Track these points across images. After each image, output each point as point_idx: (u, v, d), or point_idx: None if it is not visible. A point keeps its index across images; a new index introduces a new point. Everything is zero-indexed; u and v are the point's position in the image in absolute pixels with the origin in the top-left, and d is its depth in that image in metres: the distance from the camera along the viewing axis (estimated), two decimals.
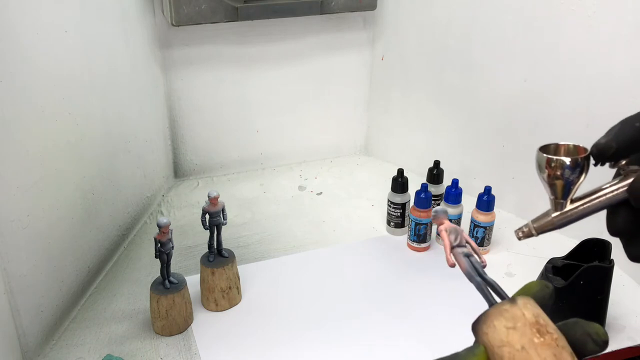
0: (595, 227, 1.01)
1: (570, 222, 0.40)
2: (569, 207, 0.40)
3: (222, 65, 1.25)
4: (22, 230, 0.80)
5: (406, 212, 1.10)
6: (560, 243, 1.01)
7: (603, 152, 0.37)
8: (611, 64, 0.94)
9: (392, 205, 1.11)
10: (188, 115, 1.28)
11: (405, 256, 1.07)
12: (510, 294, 0.40)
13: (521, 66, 1.08)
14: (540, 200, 1.15)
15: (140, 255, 1.08)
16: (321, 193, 1.30)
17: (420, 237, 1.07)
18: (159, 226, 0.85)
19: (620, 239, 0.40)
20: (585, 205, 0.39)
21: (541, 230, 0.42)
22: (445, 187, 1.08)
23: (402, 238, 1.12)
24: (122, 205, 1.10)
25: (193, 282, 0.94)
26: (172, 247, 0.88)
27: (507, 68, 1.10)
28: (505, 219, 1.14)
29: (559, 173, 0.38)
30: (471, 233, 1.07)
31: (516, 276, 1.03)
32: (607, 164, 0.39)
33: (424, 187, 1.05)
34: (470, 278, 0.44)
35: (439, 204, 1.10)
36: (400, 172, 1.09)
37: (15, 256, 0.79)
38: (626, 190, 0.37)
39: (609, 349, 0.88)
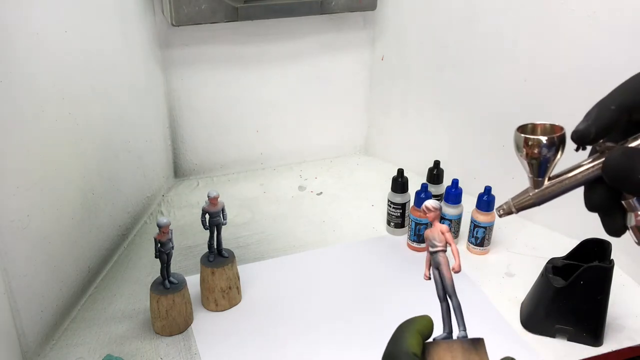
0: (595, 227, 1.01)
1: (549, 199, 0.42)
2: (546, 184, 0.41)
3: (222, 65, 1.25)
4: (22, 230, 0.80)
5: (406, 212, 1.10)
6: (561, 243, 1.01)
7: (583, 138, 0.39)
8: (612, 63, 0.94)
9: (392, 205, 1.11)
10: (188, 115, 1.28)
11: (405, 256, 1.07)
12: (511, 295, 0.41)
13: (521, 66, 1.08)
14: None
15: (140, 255, 1.08)
16: (321, 193, 1.30)
17: (420, 237, 1.07)
18: (159, 226, 0.85)
19: (598, 214, 0.42)
20: (562, 183, 0.41)
21: (520, 207, 0.43)
22: (445, 187, 1.08)
23: (402, 238, 1.12)
24: (122, 205, 1.10)
25: (193, 282, 0.94)
26: (172, 247, 0.88)
27: (507, 68, 1.10)
28: (506, 219, 1.13)
29: (536, 152, 0.39)
30: (471, 233, 1.07)
31: (516, 276, 1.03)
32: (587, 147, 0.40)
33: (424, 187, 1.05)
34: (440, 299, 0.45)
35: None
36: (400, 172, 1.09)
37: (15, 256, 0.79)
38: (600, 168, 0.39)
39: (609, 349, 0.88)
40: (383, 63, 1.33)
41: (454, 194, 1.05)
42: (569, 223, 1.09)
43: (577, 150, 0.40)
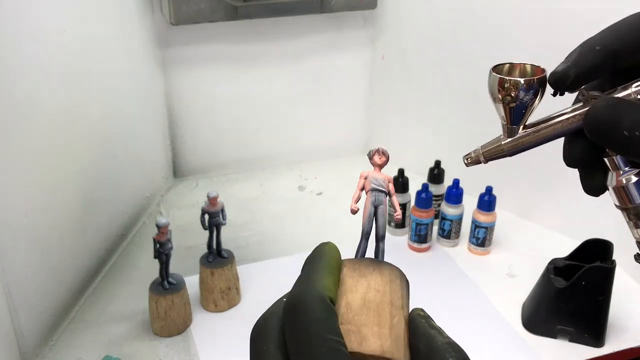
0: (597, 227, 1.00)
1: (522, 149, 0.37)
2: (520, 133, 0.37)
3: (221, 64, 1.25)
4: (20, 231, 0.79)
5: (407, 212, 1.10)
6: (562, 243, 1.01)
7: (561, 81, 0.34)
8: None
9: (392, 206, 1.10)
10: (187, 115, 1.28)
11: (406, 256, 1.07)
12: (512, 295, 0.39)
13: None
14: (541, 201, 1.15)
15: (139, 255, 1.07)
16: (321, 193, 1.30)
17: (421, 237, 1.06)
18: (158, 226, 0.84)
19: (578, 170, 0.37)
20: (538, 132, 0.36)
21: (490, 157, 0.39)
22: (446, 187, 1.07)
23: (402, 238, 1.11)
24: (121, 205, 1.10)
25: (192, 282, 0.94)
26: (171, 248, 0.87)
27: None
28: (507, 219, 1.14)
29: (512, 95, 0.35)
30: (472, 233, 1.06)
31: (517, 277, 1.02)
32: (567, 93, 0.35)
33: (424, 187, 1.05)
34: (362, 237, 0.41)
35: (439, 204, 1.10)
36: (401, 172, 1.09)
37: (14, 257, 0.78)
38: (582, 119, 0.34)
39: (611, 350, 0.87)
40: (383, 62, 1.33)
41: (454, 194, 1.05)
42: (570, 223, 1.09)
43: (554, 95, 0.35)
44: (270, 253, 1.09)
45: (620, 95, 0.34)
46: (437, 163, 1.11)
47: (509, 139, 0.37)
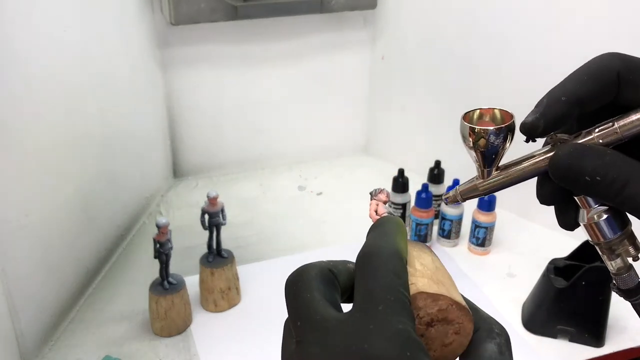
0: None
1: (495, 190, 0.40)
2: (494, 174, 0.39)
3: (221, 64, 1.25)
4: (20, 230, 0.79)
5: (407, 212, 1.10)
6: (562, 244, 1.01)
7: (530, 132, 0.36)
8: None
9: (392, 206, 1.10)
10: (187, 115, 1.28)
11: None
12: (512, 295, 0.40)
13: (522, 65, 1.07)
14: None
15: (139, 255, 1.07)
16: (321, 193, 1.30)
17: (421, 237, 1.06)
18: (158, 226, 0.84)
19: (554, 207, 0.39)
20: (510, 174, 0.39)
21: (466, 197, 0.41)
22: (446, 187, 1.07)
23: None
24: (121, 205, 1.10)
25: (192, 282, 0.94)
26: (171, 248, 0.87)
27: (508, 67, 1.09)
28: (507, 219, 1.14)
29: (482, 141, 0.37)
30: (472, 233, 1.06)
31: (517, 277, 1.02)
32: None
33: (424, 187, 1.05)
34: None
35: (439, 204, 1.10)
36: (401, 172, 1.09)
37: (14, 257, 0.78)
38: (547, 163, 0.36)
39: (611, 350, 0.87)
40: (383, 62, 1.33)
41: None
42: None
43: (527, 141, 0.37)
44: (270, 253, 1.09)
45: (584, 139, 0.35)
46: (437, 163, 1.11)
47: (482, 180, 0.40)
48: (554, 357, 0.86)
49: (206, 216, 0.91)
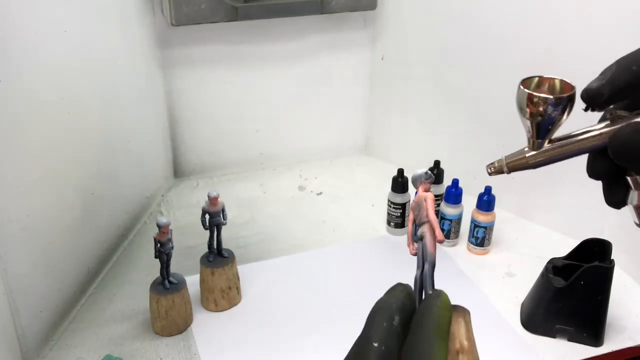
0: (596, 227, 1.01)
1: (545, 163, 0.38)
2: (546, 147, 0.37)
3: (221, 65, 1.25)
4: (21, 230, 0.79)
5: (406, 212, 1.10)
6: (561, 243, 1.01)
7: (594, 99, 0.34)
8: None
9: (392, 205, 1.10)
10: (188, 115, 1.28)
11: (406, 256, 1.06)
12: (511, 295, 0.39)
13: (522, 65, 1.07)
14: (540, 200, 1.15)
15: (140, 255, 1.08)
16: (321, 193, 1.30)
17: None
18: (159, 226, 0.84)
19: (602, 182, 0.38)
20: (563, 148, 0.37)
21: (513, 168, 0.39)
22: (445, 187, 1.08)
23: (402, 238, 1.12)
24: (122, 205, 1.10)
25: (193, 282, 0.94)
26: (172, 247, 0.87)
27: (508, 67, 1.09)
28: (506, 219, 1.14)
29: (540, 110, 0.35)
30: (471, 233, 1.06)
31: (516, 276, 1.03)
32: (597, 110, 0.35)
33: None
34: (417, 265, 0.42)
35: (439, 204, 1.10)
36: (401, 172, 1.09)
37: (15, 256, 0.78)
38: (607, 139, 0.34)
39: (609, 349, 0.88)
40: (383, 63, 1.33)
41: (454, 194, 1.05)
42: (569, 223, 1.09)
43: (586, 110, 0.35)
44: (271, 253, 1.09)
45: None
46: (437, 163, 1.11)
47: (534, 152, 0.38)
48: (553, 356, 0.87)
49: (207, 216, 0.91)
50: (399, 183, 1.09)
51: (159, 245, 0.86)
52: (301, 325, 0.92)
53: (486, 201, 1.03)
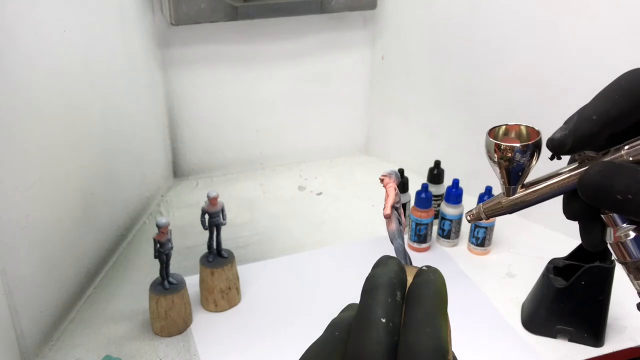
0: None
1: (521, 208, 0.39)
2: (519, 192, 0.38)
3: (221, 64, 1.25)
4: (20, 230, 0.79)
5: (406, 212, 1.10)
6: (562, 243, 1.01)
7: (558, 149, 0.35)
8: (614, 63, 0.94)
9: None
10: (187, 115, 1.28)
11: None
12: (512, 295, 0.40)
13: (522, 66, 1.07)
14: None
15: (140, 255, 1.07)
16: (321, 193, 1.30)
17: (420, 237, 1.07)
18: (158, 226, 0.84)
19: (578, 225, 0.39)
20: (535, 192, 0.38)
21: (490, 214, 0.41)
22: (445, 187, 1.07)
23: None
24: (121, 205, 1.10)
25: (192, 282, 0.94)
26: (172, 248, 0.87)
27: (508, 67, 1.09)
28: (506, 219, 1.13)
29: (508, 158, 0.36)
30: (472, 233, 1.06)
31: (517, 277, 1.02)
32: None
33: (424, 187, 1.05)
34: (393, 239, 0.43)
35: (439, 204, 1.10)
36: (401, 172, 1.09)
37: (14, 257, 0.78)
38: (576, 181, 0.35)
39: (610, 350, 0.87)
40: (383, 63, 1.33)
41: (454, 194, 1.05)
42: (570, 223, 1.08)
43: (552, 158, 0.36)
44: (270, 253, 1.09)
45: (612, 157, 0.35)
46: (437, 163, 1.11)
47: (508, 199, 0.39)
48: (554, 356, 0.87)
49: (206, 216, 0.91)
50: (399, 183, 1.08)
51: (158, 245, 0.86)
52: (301, 326, 0.91)
53: None
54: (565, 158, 0.38)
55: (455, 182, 1.04)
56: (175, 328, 0.89)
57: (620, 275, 1.01)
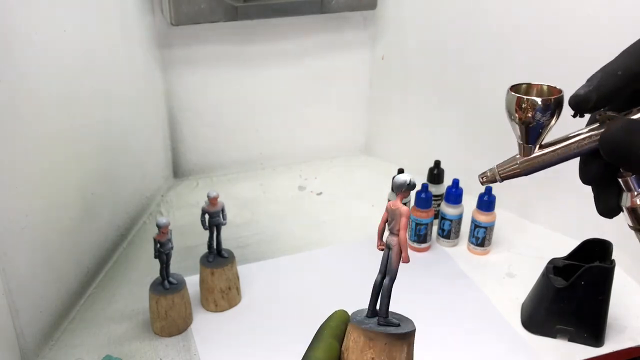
0: (596, 227, 1.00)
1: (538, 169, 0.38)
2: (536, 152, 0.37)
3: (221, 64, 1.25)
4: (20, 230, 0.79)
5: None
6: (561, 243, 1.01)
7: (582, 105, 0.35)
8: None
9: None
10: (187, 115, 1.28)
11: None
12: (512, 295, 0.40)
13: (522, 66, 1.07)
14: (540, 201, 1.15)
15: (140, 255, 1.08)
16: (321, 193, 1.30)
17: (420, 237, 1.07)
18: (159, 226, 0.84)
19: (592, 189, 0.38)
20: (554, 152, 0.37)
21: (506, 176, 0.39)
22: (445, 187, 1.07)
23: None
24: (121, 205, 1.10)
25: (192, 282, 0.94)
26: (172, 248, 0.87)
27: (508, 67, 1.09)
28: (506, 219, 1.14)
29: (529, 115, 0.35)
30: (472, 233, 1.06)
31: (517, 277, 1.02)
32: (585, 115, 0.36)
33: (424, 187, 1.05)
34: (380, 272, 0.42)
35: (439, 204, 1.10)
36: (401, 172, 1.09)
37: (14, 257, 0.78)
38: (597, 140, 0.35)
39: (610, 350, 0.88)
40: (383, 63, 1.33)
41: (454, 194, 1.05)
42: (570, 223, 1.09)
43: (574, 116, 0.36)
44: (270, 253, 1.09)
45: (636, 117, 0.34)
46: (437, 163, 1.11)
47: (525, 158, 0.38)
48: (553, 356, 0.87)
49: (206, 216, 0.91)
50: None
51: (158, 245, 0.86)
52: (301, 326, 0.91)
53: (487, 201, 1.03)
54: (583, 121, 0.37)
55: (455, 182, 1.04)
56: (176, 328, 0.90)
57: (620, 275, 1.01)
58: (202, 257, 0.94)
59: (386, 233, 0.44)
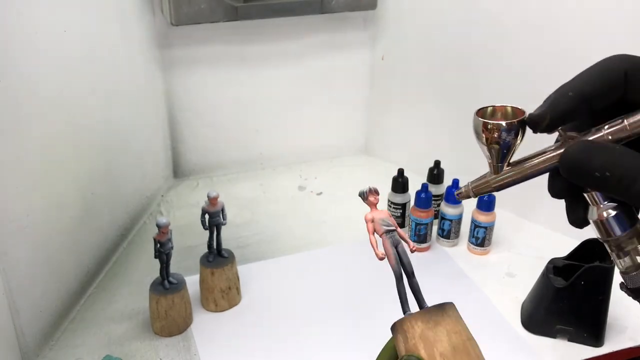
0: None
1: (507, 185, 0.40)
2: (506, 170, 0.40)
3: (221, 64, 1.25)
4: (21, 230, 0.79)
5: (406, 212, 1.10)
6: (561, 243, 1.01)
7: (536, 124, 0.37)
8: None
9: (392, 205, 1.10)
10: (187, 115, 1.28)
11: None
12: (511, 295, 0.41)
13: (521, 65, 1.07)
14: (540, 200, 1.15)
15: (140, 255, 1.08)
16: (321, 193, 1.30)
17: (420, 237, 1.07)
18: (159, 226, 0.84)
19: (564, 201, 0.41)
20: (522, 170, 0.39)
21: (478, 192, 0.42)
22: (445, 187, 1.07)
23: None
24: (122, 205, 1.10)
25: (192, 282, 0.94)
26: (172, 248, 0.87)
27: (508, 67, 1.09)
28: (506, 219, 1.14)
29: (495, 136, 0.38)
30: (472, 233, 1.06)
31: (517, 277, 1.02)
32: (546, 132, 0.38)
33: (424, 187, 1.05)
34: (397, 281, 0.43)
35: (439, 204, 1.10)
36: (401, 172, 1.09)
37: (14, 256, 0.78)
38: (557, 159, 0.37)
39: (610, 349, 0.88)
40: (383, 63, 1.33)
41: (454, 194, 1.05)
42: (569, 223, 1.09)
43: (534, 132, 0.38)
44: (270, 253, 1.09)
45: (593, 137, 0.36)
46: (437, 163, 1.11)
47: (495, 176, 0.40)
48: (553, 356, 0.87)
49: (206, 216, 0.91)
50: (399, 183, 1.08)
51: (158, 245, 0.86)
52: (301, 326, 0.91)
53: (486, 201, 1.03)
54: (553, 137, 0.39)
55: (455, 182, 1.05)
56: (176, 328, 0.90)
57: (619, 275, 1.01)
58: (202, 257, 0.94)
59: (379, 240, 0.46)
